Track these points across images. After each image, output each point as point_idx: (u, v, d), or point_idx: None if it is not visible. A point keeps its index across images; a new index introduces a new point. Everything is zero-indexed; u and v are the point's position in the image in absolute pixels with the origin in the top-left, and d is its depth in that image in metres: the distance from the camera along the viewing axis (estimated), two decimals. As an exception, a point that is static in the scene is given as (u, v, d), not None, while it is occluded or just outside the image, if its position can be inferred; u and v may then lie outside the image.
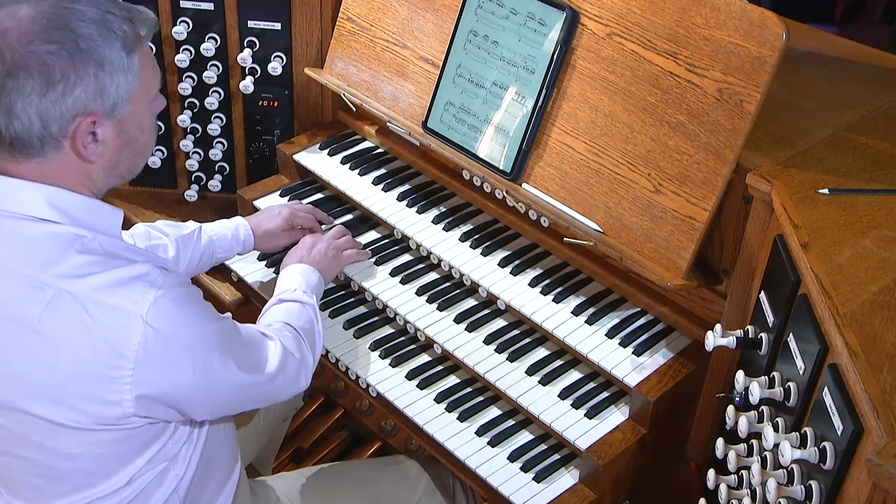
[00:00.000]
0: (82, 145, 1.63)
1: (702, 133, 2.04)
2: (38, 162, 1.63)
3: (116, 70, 1.61)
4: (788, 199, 1.88)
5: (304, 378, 2.01)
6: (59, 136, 1.61)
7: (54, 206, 1.63)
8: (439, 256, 2.45)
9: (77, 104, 1.58)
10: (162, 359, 1.64)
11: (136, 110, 1.68)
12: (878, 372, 1.48)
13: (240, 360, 1.79)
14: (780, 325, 1.82)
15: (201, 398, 1.75)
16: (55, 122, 1.58)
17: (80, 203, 1.67)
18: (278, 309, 2.13)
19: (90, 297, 1.59)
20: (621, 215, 2.17)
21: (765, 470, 1.76)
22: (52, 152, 1.62)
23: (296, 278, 2.23)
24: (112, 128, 1.66)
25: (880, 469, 1.36)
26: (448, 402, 2.26)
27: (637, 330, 2.25)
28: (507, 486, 2.10)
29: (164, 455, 1.81)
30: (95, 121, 1.62)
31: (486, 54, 2.36)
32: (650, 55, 2.11)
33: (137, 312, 1.60)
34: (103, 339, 1.59)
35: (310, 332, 2.09)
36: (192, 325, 1.68)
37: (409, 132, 2.53)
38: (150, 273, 1.64)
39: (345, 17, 2.68)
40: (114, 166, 1.71)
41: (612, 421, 2.16)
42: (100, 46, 1.58)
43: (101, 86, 1.60)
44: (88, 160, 1.65)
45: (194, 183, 2.94)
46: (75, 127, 1.61)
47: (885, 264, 1.73)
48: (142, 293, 1.61)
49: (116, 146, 1.68)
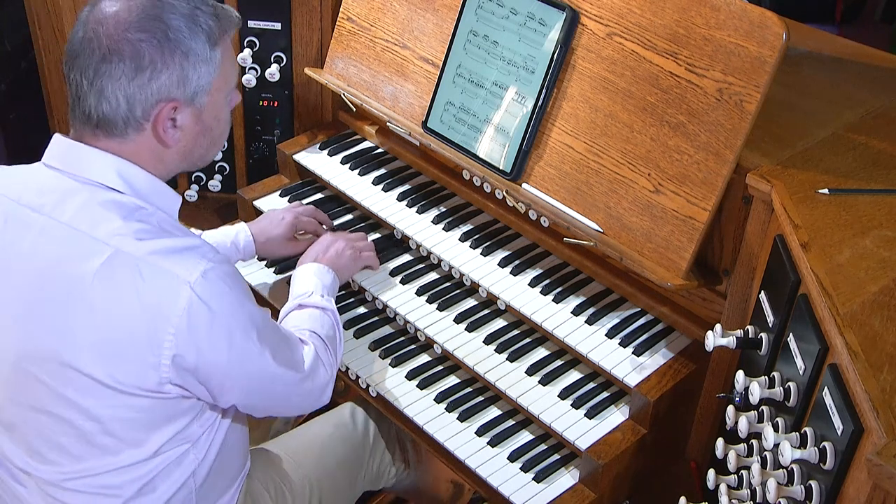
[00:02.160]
0: (162, 129, 1.74)
1: (702, 133, 2.04)
2: (119, 141, 1.74)
3: (200, 61, 1.72)
4: (788, 199, 1.88)
5: (329, 392, 2.04)
6: (142, 119, 1.72)
7: (123, 177, 1.73)
8: (439, 256, 2.45)
9: (161, 90, 1.70)
10: (202, 329, 1.69)
11: (214, 101, 1.79)
12: (878, 372, 1.48)
13: (276, 352, 1.83)
14: (780, 325, 1.82)
15: (231, 379, 1.78)
16: (140, 105, 1.70)
17: (147, 179, 1.76)
18: (301, 315, 2.13)
19: (145, 259, 1.66)
20: (621, 215, 2.17)
21: (765, 470, 1.76)
22: (133, 133, 1.73)
23: (311, 280, 2.22)
24: (191, 115, 1.76)
25: (880, 469, 1.36)
26: (448, 402, 2.26)
27: (637, 330, 2.25)
28: (507, 486, 2.10)
29: (188, 436, 1.84)
30: (176, 107, 1.73)
31: (486, 54, 2.36)
32: (650, 55, 2.11)
33: (186, 279, 1.67)
34: (151, 301, 1.66)
35: (333, 339, 2.11)
36: (235, 304, 1.74)
37: (409, 132, 2.53)
38: (202, 246, 1.73)
39: (345, 17, 2.68)
40: (188, 152, 1.82)
41: (612, 421, 2.16)
42: (187, 38, 1.70)
43: (185, 74, 1.71)
44: (166, 144, 1.76)
45: (194, 183, 2.94)
46: (158, 111, 1.72)
47: (885, 264, 1.73)
48: (194, 262, 1.68)
49: (193, 133, 1.79)
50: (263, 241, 2.44)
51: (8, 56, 3.25)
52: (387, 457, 2.44)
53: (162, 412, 1.78)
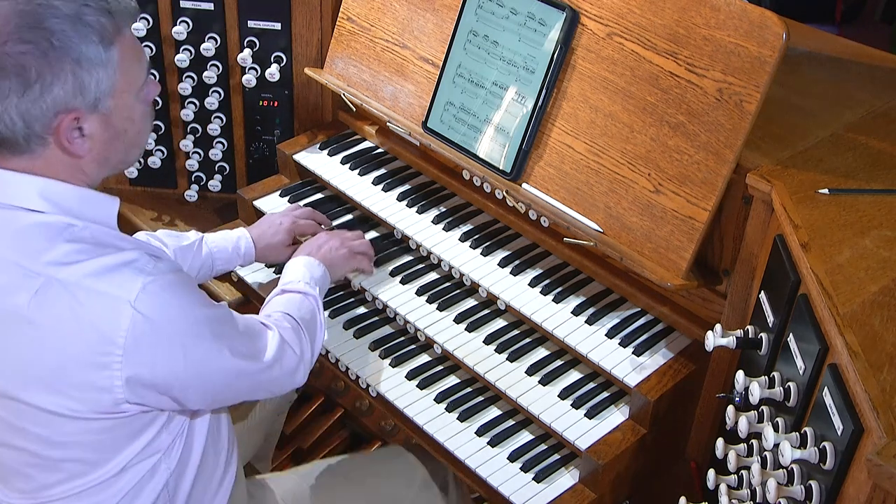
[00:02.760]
0: (67, 141, 1.63)
1: (702, 133, 2.04)
2: (28, 158, 1.64)
3: (94, 65, 1.60)
4: (788, 199, 1.88)
5: (302, 373, 1.99)
6: (44, 134, 1.61)
7: (46, 197, 1.64)
8: (439, 256, 2.45)
9: (57, 102, 1.58)
10: (151, 344, 1.63)
11: (121, 103, 1.67)
12: (878, 372, 1.48)
13: (234, 347, 1.78)
14: (780, 325, 1.82)
15: (193, 384, 1.74)
16: (37, 120, 1.59)
17: (73, 193, 1.67)
18: (279, 299, 2.12)
19: (79, 284, 1.59)
20: (621, 215, 2.17)
21: (765, 470, 1.76)
22: (39, 149, 1.63)
23: (300, 270, 2.21)
24: (98, 122, 1.65)
25: (880, 469, 1.36)
26: (448, 402, 2.26)
27: (637, 330, 2.25)
28: (507, 486, 2.10)
29: (157, 446, 1.80)
30: (78, 117, 1.62)
31: (486, 54, 2.36)
32: (650, 55, 2.11)
33: (125, 298, 1.60)
34: (92, 325, 1.60)
35: (310, 323, 2.07)
36: (181, 311, 1.67)
37: (409, 132, 2.53)
38: (138, 260, 1.64)
39: (345, 17, 2.68)
40: (105, 159, 1.71)
41: (612, 421, 2.16)
42: (75, 43, 1.57)
43: (80, 82, 1.59)
44: (76, 155, 1.66)
45: (194, 183, 2.94)
46: (58, 124, 1.61)
47: (885, 264, 1.73)
48: (130, 279, 1.61)
49: (104, 140, 1.68)
50: (263, 247, 2.43)
51: None
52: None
53: (124, 430, 1.73)
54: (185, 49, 2.74)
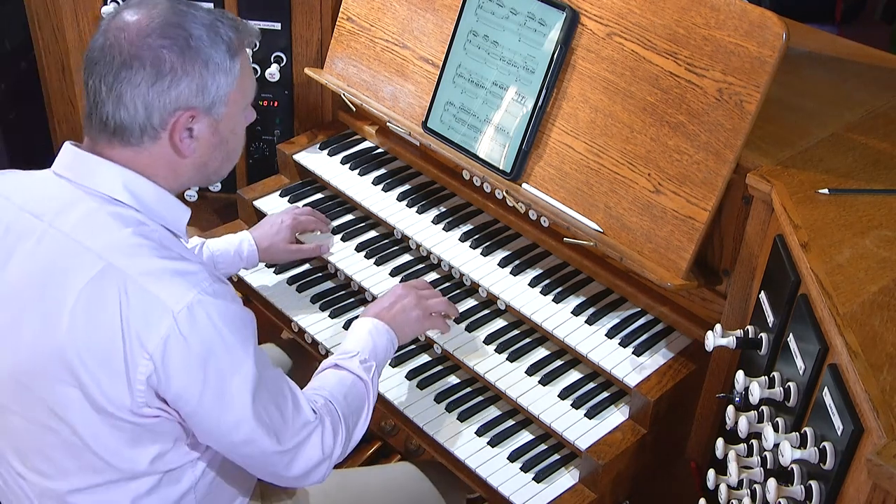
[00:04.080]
0: (179, 139, 1.72)
1: (702, 133, 2.04)
2: (134, 150, 1.72)
3: (219, 70, 1.71)
4: (788, 199, 1.88)
5: (323, 472, 1.87)
6: (159, 128, 1.70)
7: (129, 189, 1.71)
8: (439, 256, 2.45)
9: (180, 98, 1.68)
10: (177, 361, 1.63)
11: (231, 112, 1.77)
12: (878, 372, 1.48)
13: (258, 412, 1.72)
14: (780, 325, 1.82)
15: (202, 419, 1.71)
16: (158, 112, 1.68)
17: (154, 192, 1.74)
18: (331, 377, 1.99)
19: (134, 279, 1.63)
20: (621, 215, 2.17)
21: (765, 470, 1.76)
22: (149, 142, 1.71)
23: (362, 339, 2.08)
24: (208, 125, 1.74)
25: (880, 469, 1.36)
26: (448, 402, 2.26)
27: (637, 330, 2.25)
28: (507, 486, 2.10)
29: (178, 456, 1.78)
30: (194, 115, 1.71)
31: (486, 54, 2.36)
32: (650, 55, 2.11)
33: (171, 307, 1.61)
34: (133, 322, 1.62)
35: (354, 415, 1.95)
36: (219, 343, 1.65)
37: (409, 132, 2.53)
38: (198, 274, 1.66)
39: (345, 17, 2.68)
40: (203, 164, 1.79)
41: (612, 421, 2.16)
42: (207, 47, 1.69)
43: (204, 83, 1.70)
44: (182, 154, 1.74)
45: (194, 183, 2.94)
46: (175, 120, 1.70)
47: (885, 264, 1.73)
48: (182, 291, 1.63)
49: (210, 144, 1.77)
50: (266, 248, 2.43)
51: (8, 56, 3.25)
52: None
53: (144, 434, 1.72)
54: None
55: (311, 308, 2.49)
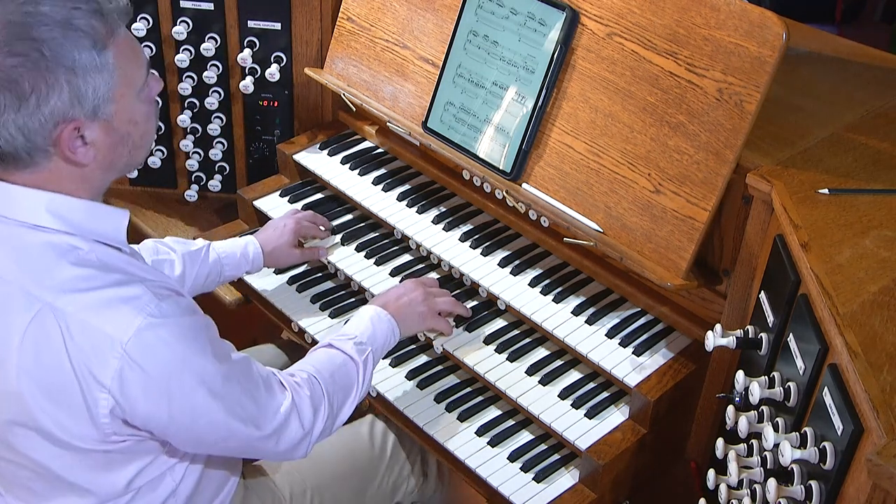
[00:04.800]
0: (70, 151, 1.59)
1: (702, 133, 2.04)
2: (32, 172, 1.60)
3: (89, 71, 1.54)
4: (788, 199, 1.88)
5: (304, 449, 1.88)
6: (46, 146, 1.57)
7: (53, 212, 1.60)
8: (439, 256, 2.45)
9: (55, 113, 1.54)
10: (137, 390, 1.59)
11: (122, 106, 1.61)
12: (878, 372, 1.48)
13: (231, 407, 1.70)
14: (780, 325, 1.82)
15: (178, 432, 1.70)
16: (37, 133, 1.54)
17: (81, 208, 1.63)
18: (321, 354, 2.00)
19: (75, 316, 1.56)
20: (621, 215, 2.17)
21: (765, 470, 1.76)
22: (42, 161, 1.59)
23: (362, 325, 2.09)
24: (100, 129, 1.60)
25: (880, 469, 1.36)
26: (448, 402, 2.26)
27: (637, 330, 2.25)
28: (507, 486, 2.10)
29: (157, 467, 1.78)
30: (78, 126, 1.57)
31: (486, 54, 2.36)
32: (650, 55, 2.11)
33: (118, 339, 1.56)
34: (82, 361, 1.57)
35: (340, 394, 1.94)
36: (174, 360, 1.61)
37: (409, 132, 2.53)
38: (141, 297, 1.58)
39: (345, 17, 2.68)
40: (110, 164, 1.67)
41: (612, 421, 2.16)
42: (67, 50, 1.51)
43: (76, 90, 1.54)
44: (80, 164, 1.61)
45: (194, 183, 2.94)
46: (58, 135, 1.56)
47: (885, 264, 1.73)
48: (128, 319, 1.56)
49: (108, 145, 1.63)
50: (270, 251, 2.42)
51: None
52: (406, 469, 2.34)
53: (117, 458, 1.71)
54: (185, 49, 2.74)
55: (311, 308, 2.49)
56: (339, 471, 2.25)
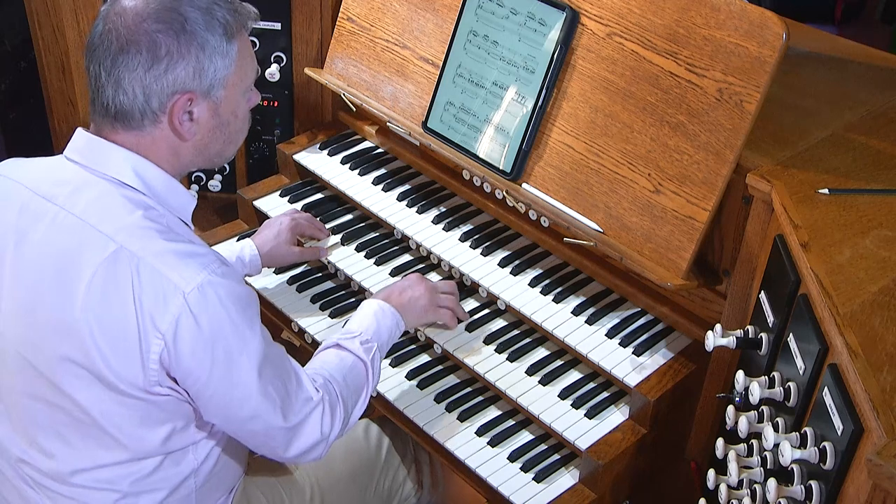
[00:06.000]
0: (178, 122, 1.74)
1: (702, 133, 2.04)
2: (136, 134, 1.75)
3: (216, 53, 1.73)
4: (788, 199, 1.88)
5: (320, 452, 1.91)
6: (159, 111, 1.73)
7: (138, 174, 1.75)
8: (439, 256, 2.45)
9: (177, 81, 1.71)
10: (187, 341, 1.67)
11: (230, 95, 1.79)
12: (878, 372, 1.48)
13: (266, 387, 1.77)
14: (780, 325, 1.82)
15: (212, 397, 1.75)
16: (156, 96, 1.71)
17: (162, 178, 1.77)
18: (331, 357, 2.02)
19: (146, 260, 1.66)
20: (621, 215, 2.17)
21: (765, 470, 1.76)
22: (150, 126, 1.74)
23: (367, 320, 2.12)
24: (207, 108, 1.77)
25: (880, 469, 1.36)
26: (448, 402, 2.26)
27: (637, 330, 2.25)
28: (507, 486, 2.10)
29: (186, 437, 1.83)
30: (192, 99, 1.73)
31: (486, 54, 2.36)
32: (650, 55, 2.11)
33: (181, 289, 1.66)
34: (145, 302, 1.66)
35: (353, 396, 1.98)
36: (227, 325, 1.70)
37: (409, 132, 2.53)
38: (207, 255, 1.71)
39: (345, 17, 2.68)
40: (204, 146, 1.81)
41: (612, 421, 2.16)
42: (203, 30, 1.71)
43: (201, 66, 1.72)
44: (182, 137, 1.77)
45: (194, 183, 2.94)
46: (173, 103, 1.72)
47: (885, 264, 1.73)
48: (193, 272, 1.67)
49: (209, 127, 1.79)
50: (268, 251, 2.43)
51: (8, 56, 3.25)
52: (400, 474, 2.35)
53: (156, 413, 1.77)
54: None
55: (311, 308, 2.49)
56: (341, 471, 2.25)
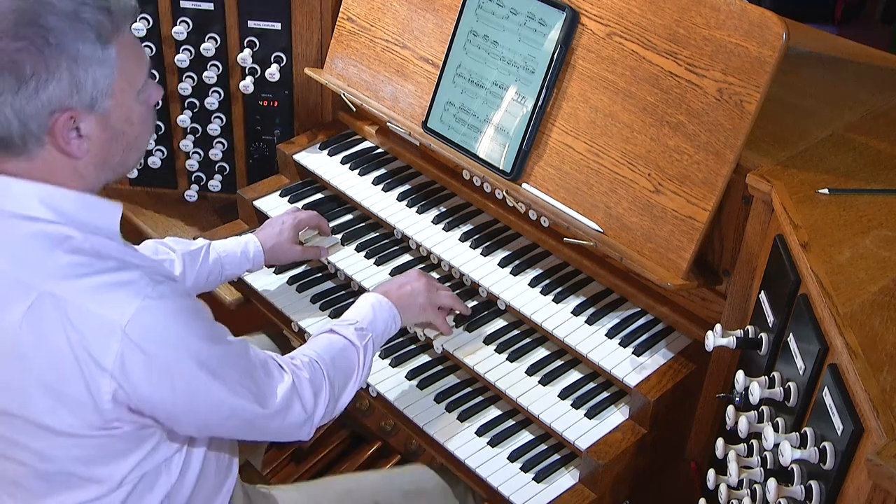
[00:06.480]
0: (64, 141, 1.58)
1: (702, 133, 2.04)
2: (25, 160, 1.60)
3: (91, 63, 1.55)
4: (788, 199, 1.88)
5: (307, 430, 1.89)
6: (40, 134, 1.57)
7: (46, 203, 1.60)
8: (439, 256, 2.45)
9: (52, 100, 1.54)
10: (139, 372, 1.59)
11: (120, 103, 1.62)
12: (878, 372, 1.48)
13: (232, 386, 1.71)
14: (780, 325, 1.82)
15: (180, 415, 1.70)
16: (32, 119, 1.55)
17: (73, 199, 1.63)
18: (322, 340, 2.01)
19: (73, 302, 1.56)
20: (621, 215, 2.17)
21: (765, 470, 1.76)
22: (36, 149, 1.59)
23: (364, 311, 2.10)
24: (95, 122, 1.60)
25: (880, 469, 1.36)
26: (448, 402, 2.26)
27: (637, 330, 2.25)
28: (507, 486, 2.10)
29: (156, 459, 1.77)
30: (74, 116, 1.57)
31: (486, 54, 2.36)
32: (650, 55, 2.11)
33: (117, 322, 1.56)
34: (82, 346, 1.57)
35: (341, 377, 1.96)
36: (174, 341, 1.62)
37: (409, 132, 2.53)
38: (138, 281, 1.59)
39: (345, 17, 2.68)
40: (103, 161, 1.66)
41: (612, 421, 2.16)
42: (71, 40, 1.53)
43: (76, 80, 1.55)
44: (73, 156, 1.61)
45: (194, 183, 2.94)
46: (53, 123, 1.56)
47: (885, 264, 1.73)
48: (125, 301, 1.57)
49: (102, 141, 1.63)
50: (271, 248, 2.41)
51: None
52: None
53: (118, 446, 1.70)
54: (185, 49, 2.74)
55: (311, 308, 2.49)
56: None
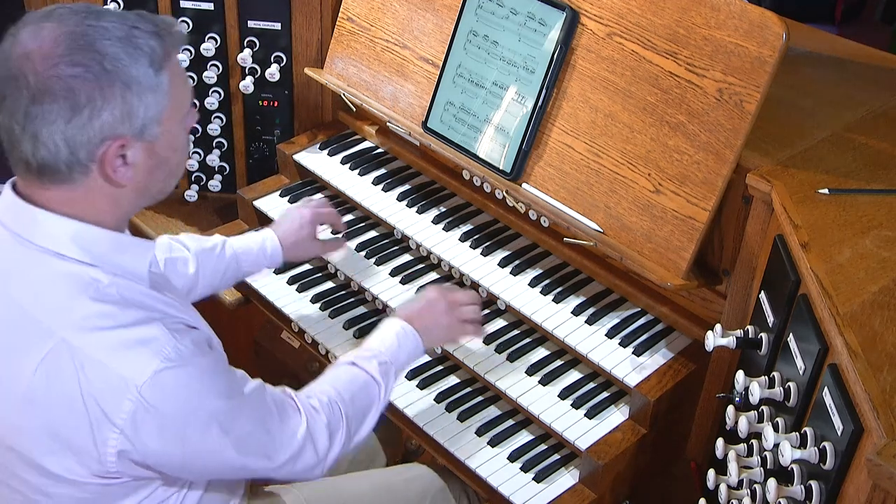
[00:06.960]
0: (111, 170, 1.55)
1: (702, 133, 2.04)
2: (68, 189, 1.56)
3: (145, 90, 1.53)
4: (788, 199, 1.88)
5: (318, 473, 1.85)
6: (88, 162, 1.53)
7: (78, 242, 1.57)
8: (439, 256, 2.45)
9: (104, 128, 1.51)
10: (150, 432, 1.57)
11: (167, 130, 1.59)
12: (878, 372, 1.48)
13: (242, 444, 1.68)
14: (780, 325, 1.82)
15: (188, 470, 1.69)
16: (82, 147, 1.51)
17: (106, 238, 1.60)
18: (344, 374, 1.95)
19: (91, 356, 1.53)
20: (621, 215, 2.17)
21: (765, 470, 1.76)
22: (80, 178, 1.55)
23: (388, 341, 2.03)
24: (143, 150, 1.57)
25: (880, 469, 1.36)
26: (448, 402, 2.26)
27: (637, 330, 2.25)
28: (507, 486, 2.10)
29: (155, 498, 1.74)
30: (124, 144, 1.54)
31: (486, 54, 2.36)
32: (650, 55, 2.11)
33: (133, 382, 1.53)
34: (94, 400, 1.54)
35: (358, 416, 1.91)
36: (189, 403, 1.59)
37: (409, 132, 2.53)
38: (158, 339, 1.56)
39: (345, 17, 2.68)
40: (144, 189, 1.64)
41: (612, 421, 2.16)
42: (126, 66, 1.50)
43: (129, 108, 1.52)
44: (118, 184, 1.58)
45: (194, 183, 2.94)
46: (103, 151, 1.53)
47: (885, 264, 1.73)
48: (145, 361, 1.54)
49: (147, 168, 1.60)
50: (290, 245, 2.33)
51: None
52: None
53: (116, 491, 1.67)
54: (185, 49, 2.74)
55: (311, 308, 2.49)
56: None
